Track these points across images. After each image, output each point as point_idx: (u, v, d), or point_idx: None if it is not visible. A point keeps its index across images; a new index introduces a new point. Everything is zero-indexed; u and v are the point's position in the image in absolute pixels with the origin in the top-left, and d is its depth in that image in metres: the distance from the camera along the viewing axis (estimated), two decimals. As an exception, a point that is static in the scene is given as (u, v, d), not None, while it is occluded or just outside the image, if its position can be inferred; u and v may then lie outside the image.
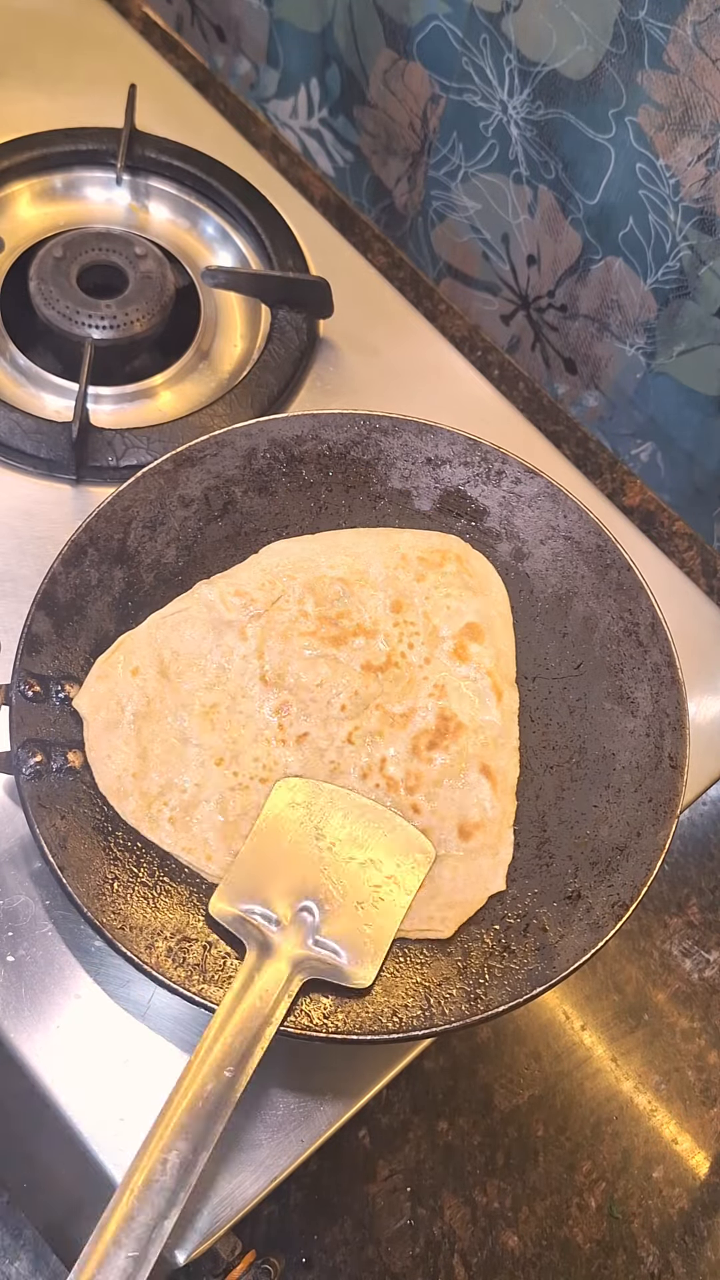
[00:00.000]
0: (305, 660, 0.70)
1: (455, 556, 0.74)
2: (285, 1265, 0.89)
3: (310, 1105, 0.64)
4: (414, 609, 0.72)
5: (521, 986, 0.60)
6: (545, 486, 0.75)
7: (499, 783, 0.68)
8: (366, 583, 0.72)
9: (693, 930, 1.02)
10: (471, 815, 0.67)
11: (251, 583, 0.72)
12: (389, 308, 0.94)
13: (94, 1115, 0.62)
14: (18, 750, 0.63)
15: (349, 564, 0.73)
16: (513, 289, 1.04)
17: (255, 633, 0.70)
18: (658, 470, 1.01)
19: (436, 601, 0.72)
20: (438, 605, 0.72)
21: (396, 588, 0.73)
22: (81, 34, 1.04)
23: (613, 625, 0.72)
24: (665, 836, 0.64)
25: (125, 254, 0.87)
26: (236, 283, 0.92)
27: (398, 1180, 0.93)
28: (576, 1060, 0.98)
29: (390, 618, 0.72)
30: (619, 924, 0.61)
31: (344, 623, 0.71)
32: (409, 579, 0.73)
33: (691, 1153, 0.97)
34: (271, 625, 0.70)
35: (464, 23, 0.92)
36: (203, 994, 0.59)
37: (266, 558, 0.73)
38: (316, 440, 0.76)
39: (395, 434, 0.76)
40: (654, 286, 0.90)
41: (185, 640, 0.69)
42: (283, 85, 1.15)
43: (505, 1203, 0.94)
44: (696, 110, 0.79)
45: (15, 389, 0.85)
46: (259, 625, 0.70)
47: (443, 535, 0.76)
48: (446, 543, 0.75)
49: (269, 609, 0.71)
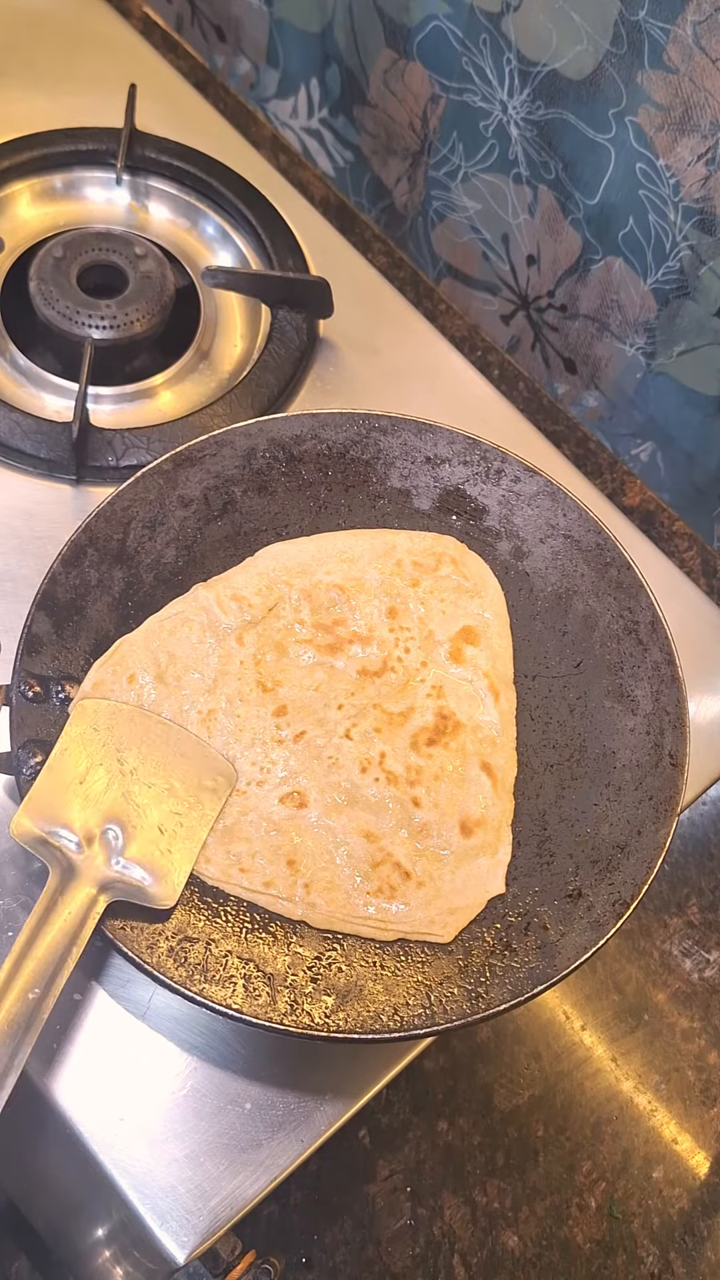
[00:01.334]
0: (303, 667, 0.70)
1: (450, 559, 0.74)
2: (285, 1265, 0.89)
3: (310, 1105, 0.64)
4: (409, 614, 0.72)
5: (523, 985, 0.60)
6: (544, 485, 0.75)
7: (499, 781, 0.68)
8: (362, 589, 0.73)
9: (693, 930, 1.02)
10: (473, 811, 0.67)
11: (248, 587, 0.72)
12: (389, 308, 0.94)
13: (94, 1115, 0.62)
14: (18, 750, 0.63)
15: (345, 570, 0.73)
16: (513, 289, 1.04)
17: (253, 639, 0.70)
18: (658, 470, 1.01)
19: (432, 606, 0.72)
20: (433, 610, 0.72)
21: (392, 593, 0.73)
22: (81, 34, 1.04)
23: (612, 623, 0.72)
24: (666, 834, 0.64)
25: (125, 254, 0.87)
26: (236, 283, 0.92)
27: (398, 1180, 0.93)
28: (576, 1060, 0.98)
29: (386, 624, 0.72)
30: (620, 922, 0.61)
31: (340, 630, 0.71)
32: (404, 584, 0.73)
33: (691, 1153, 0.97)
34: (268, 632, 0.70)
35: (464, 23, 0.92)
36: (204, 993, 0.59)
37: (263, 561, 0.73)
38: (316, 440, 0.76)
39: (394, 433, 0.76)
40: (654, 286, 0.90)
41: (182, 645, 0.69)
42: (283, 85, 1.15)
43: (505, 1203, 0.94)
44: (696, 110, 0.79)
45: (15, 389, 0.85)
46: (256, 632, 0.70)
47: (438, 536, 0.76)
48: (441, 544, 0.75)
49: (265, 616, 0.71)
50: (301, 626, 0.71)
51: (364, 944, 0.63)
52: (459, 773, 0.68)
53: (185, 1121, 0.63)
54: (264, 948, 0.62)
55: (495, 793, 0.68)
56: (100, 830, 0.62)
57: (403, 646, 0.71)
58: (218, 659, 0.69)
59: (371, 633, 0.71)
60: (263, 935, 0.62)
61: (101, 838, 0.62)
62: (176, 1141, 0.62)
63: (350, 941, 0.63)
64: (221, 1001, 0.58)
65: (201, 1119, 0.63)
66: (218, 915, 0.63)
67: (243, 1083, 0.64)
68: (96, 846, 0.61)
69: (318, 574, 0.73)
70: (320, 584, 0.72)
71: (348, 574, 0.73)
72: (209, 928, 0.62)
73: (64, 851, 0.61)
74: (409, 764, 0.68)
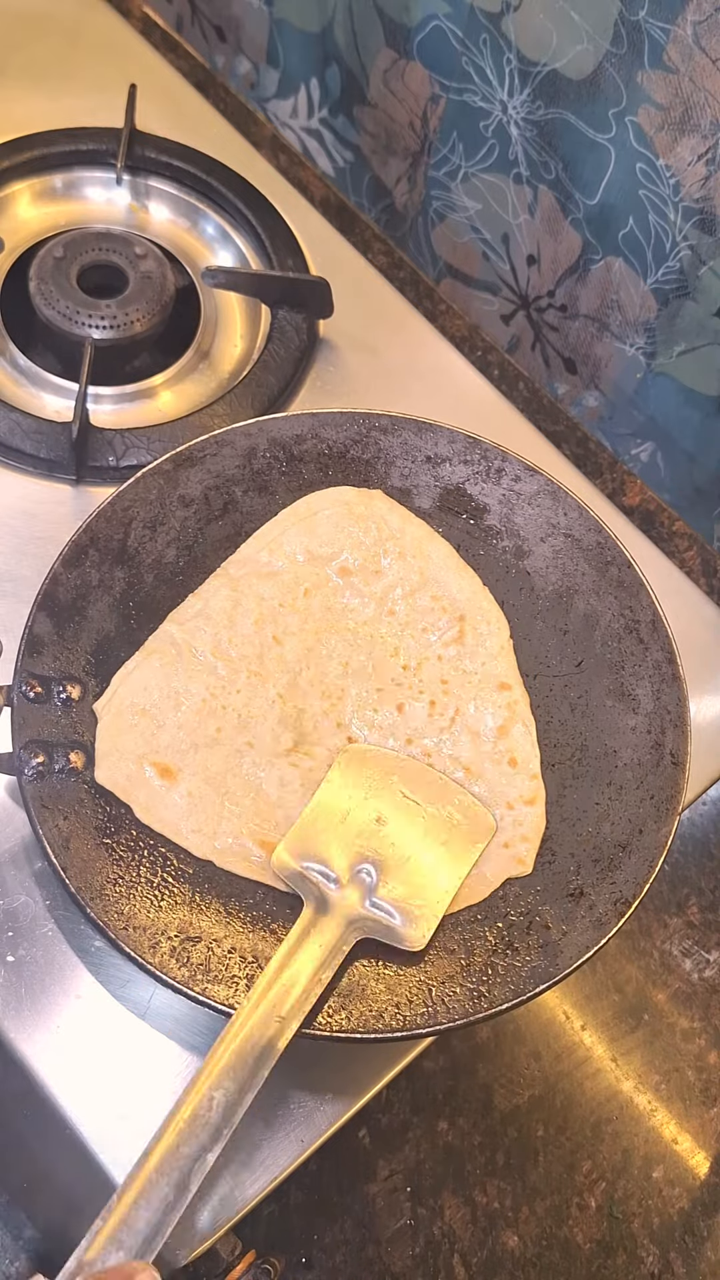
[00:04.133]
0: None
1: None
2: (285, 1265, 0.89)
3: (310, 1105, 0.64)
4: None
5: (525, 984, 0.60)
6: (545, 484, 0.75)
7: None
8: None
9: (693, 930, 1.02)
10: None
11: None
12: (389, 308, 0.94)
13: (94, 1115, 0.62)
14: (20, 751, 0.63)
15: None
16: (513, 289, 1.04)
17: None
18: (658, 470, 1.01)
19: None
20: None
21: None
22: (81, 34, 1.04)
23: (613, 622, 0.72)
24: (667, 833, 0.64)
25: (125, 254, 0.87)
26: (236, 283, 0.92)
27: (398, 1180, 0.93)
28: (576, 1060, 0.98)
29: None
30: (622, 921, 0.61)
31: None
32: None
33: (691, 1153, 0.97)
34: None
35: (464, 23, 0.92)
36: (206, 993, 0.58)
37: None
38: (316, 439, 0.76)
39: (394, 432, 0.76)
40: (654, 286, 0.90)
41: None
42: (283, 85, 1.15)
43: (505, 1203, 0.94)
44: (696, 110, 0.79)
45: (15, 389, 0.85)
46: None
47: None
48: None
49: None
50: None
51: (366, 943, 0.63)
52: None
53: (186, 1121, 0.62)
54: (267, 947, 0.62)
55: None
56: (356, 869, 0.63)
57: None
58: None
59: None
60: (265, 934, 0.62)
61: (356, 876, 0.63)
62: (177, 1141, 0.62)
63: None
64: (225, 1001, 0.58)
65: (202, 1119, 0.63)
66: (220, 914, 0.63)
67: (243, 1082, 0.64)
68: (351, 885, 0.63)
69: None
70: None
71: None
72: (212, 927, 0.62)
73: (320, 887, 0.62)
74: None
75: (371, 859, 0.64)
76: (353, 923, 0.61)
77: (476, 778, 0.68)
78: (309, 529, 0.74)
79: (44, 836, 0.61)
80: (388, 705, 0.70)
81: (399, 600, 0.73)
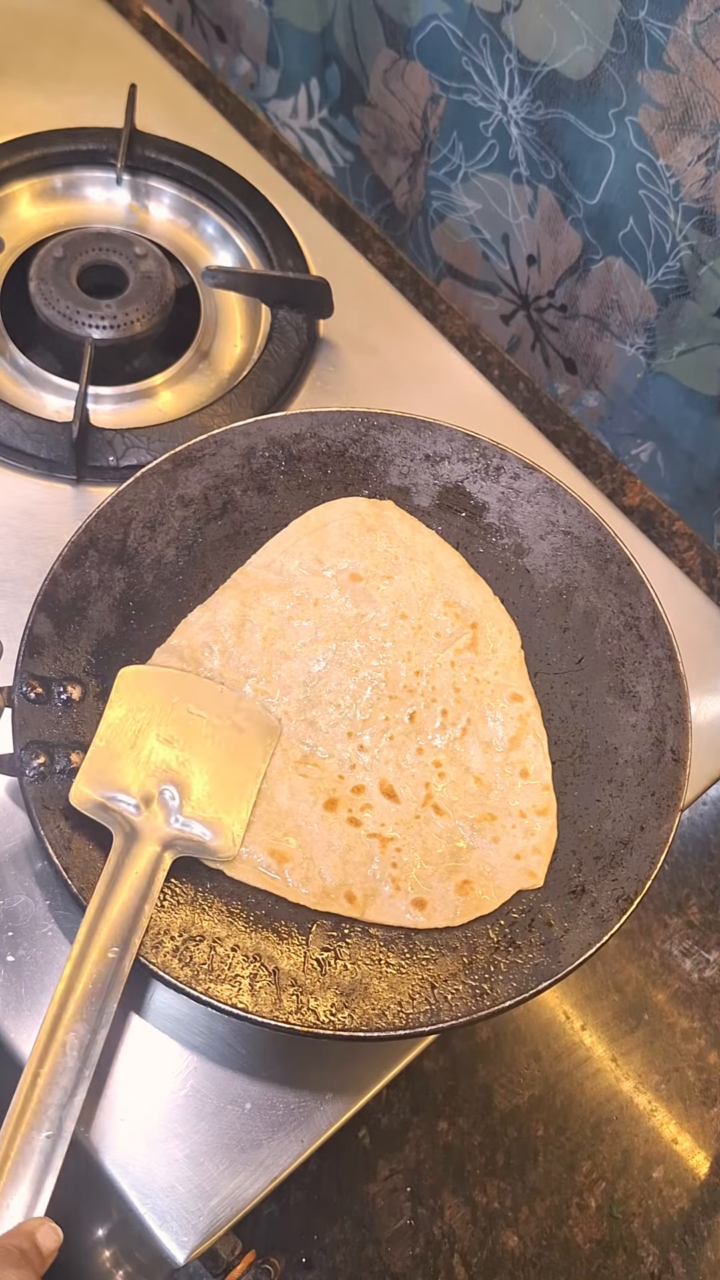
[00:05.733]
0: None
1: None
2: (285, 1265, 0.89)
3: (310, 1105, 0.64)
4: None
5: (527, 981, 0.60)
6: (544, 482, 0.75)
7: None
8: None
9: (693, 930, 1.02)
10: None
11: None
12: (389, 308, 0.94)
13: (94, 1115, 0.62)
14: (21, 752, 0.63)
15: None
16: (513, 289, 1.04)
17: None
18: (658, 470, 1.01)
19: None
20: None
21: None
22: (81, 34, 1.04)
23: (613, 620, 0.72)
24: (668, 830, 0.64)
25: (125, 254, 0.87)
26: (236, 283, 0.92)
27: (398, 1180, 0.93)
28: (576, 1060, 0.98)
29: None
30: (624, 918, 0.61)
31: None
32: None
33: (691, 1153, 0.97)
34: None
35: (464, 23, 0.92)
36: (209, 993, 0.58)
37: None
38: (315, 438, 0.76)
39: (393, 431, 0.76)
40: (654, 286, 0.90)
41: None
42: (283, 85, 1.15)
43: (505, 1203, 0.93)
44: (696, 110, 0.79)
45: (15, 389, 0.84)
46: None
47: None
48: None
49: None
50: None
51: (368, 941, 0.63)
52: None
53: (185, 1121, 0.62)
54: (269, 946, 0.62)
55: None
56: (157, 791, 0.64)
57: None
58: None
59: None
60: (268, 934, 0.62)
61: (159, 798, 0.63)
62: (176, 1141, 0.62)
63: (355, 939, 0.63)
64: (228, 1000, 0.58)
65: (201, 1119, 0.63)
66: (223, 914, 0.63)
67: (243, 1082, 0.64)
68: (155, 807, 0.63)
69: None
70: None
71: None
72: (214, 926, 0.62)
73: (124, 815, 0.63)
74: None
75: (170, 779, 0.64)
76: (164, 844, 0.62)
77: (488, 788, 0.68)
78: (320, 540, 0.74)
79: (46, 837, 0.61)
80: (399, 713, 0.70)
81: (411, 607, 0.73)
